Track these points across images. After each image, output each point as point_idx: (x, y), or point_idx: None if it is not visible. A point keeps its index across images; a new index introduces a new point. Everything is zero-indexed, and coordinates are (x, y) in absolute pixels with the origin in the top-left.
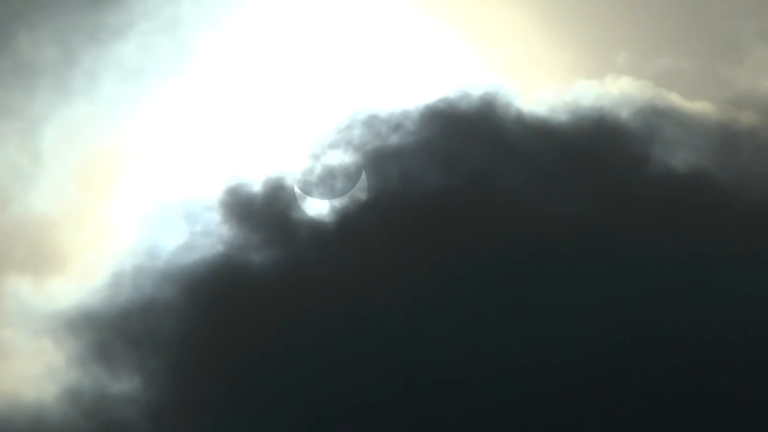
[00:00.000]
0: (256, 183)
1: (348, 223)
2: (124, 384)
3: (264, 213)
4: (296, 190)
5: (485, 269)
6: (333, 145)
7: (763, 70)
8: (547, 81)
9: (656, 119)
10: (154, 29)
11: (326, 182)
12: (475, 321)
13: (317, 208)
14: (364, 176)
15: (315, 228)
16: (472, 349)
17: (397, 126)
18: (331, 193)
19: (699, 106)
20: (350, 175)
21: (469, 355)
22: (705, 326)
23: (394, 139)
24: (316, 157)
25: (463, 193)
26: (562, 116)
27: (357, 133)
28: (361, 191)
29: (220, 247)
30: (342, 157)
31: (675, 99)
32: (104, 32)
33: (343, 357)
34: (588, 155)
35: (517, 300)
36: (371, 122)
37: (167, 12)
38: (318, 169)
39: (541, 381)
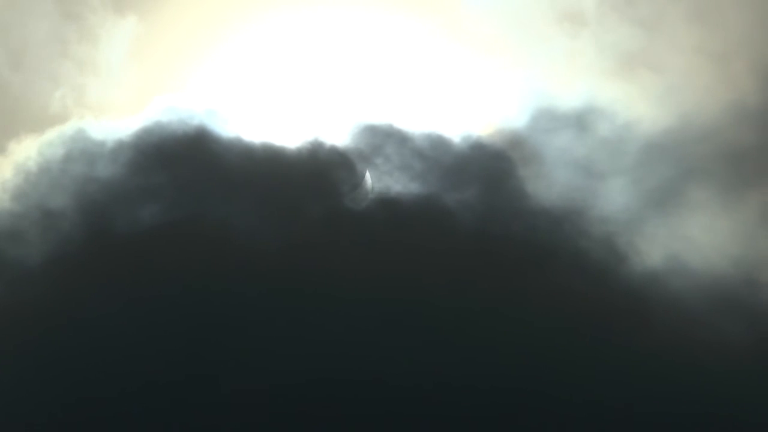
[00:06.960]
0: None
1: (59, 260)
2: None
3: None
4: (7, 229)
5: (194, 299)
6: (46, 184)
7: None
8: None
9: (376, 143)
10: None
11: (38, 223)
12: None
13: (29, 246)
14: (73, 214)
15: (23, 267)
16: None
17: (109, 156)
18: (41, 232)
19: (424, 130)
20: (61, 214)
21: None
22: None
23: (105, 172)
24: (27, 195)
25: (174, 226)
26: (279, 143)
27: (67, 165)
28: (72, 230)
29: None
30: (52, 196)
31: (394, 123)
32: None
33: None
34: (305, 182)
35: (223, 332)
36: (81, 153)
37: None
38: (28, 210)
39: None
